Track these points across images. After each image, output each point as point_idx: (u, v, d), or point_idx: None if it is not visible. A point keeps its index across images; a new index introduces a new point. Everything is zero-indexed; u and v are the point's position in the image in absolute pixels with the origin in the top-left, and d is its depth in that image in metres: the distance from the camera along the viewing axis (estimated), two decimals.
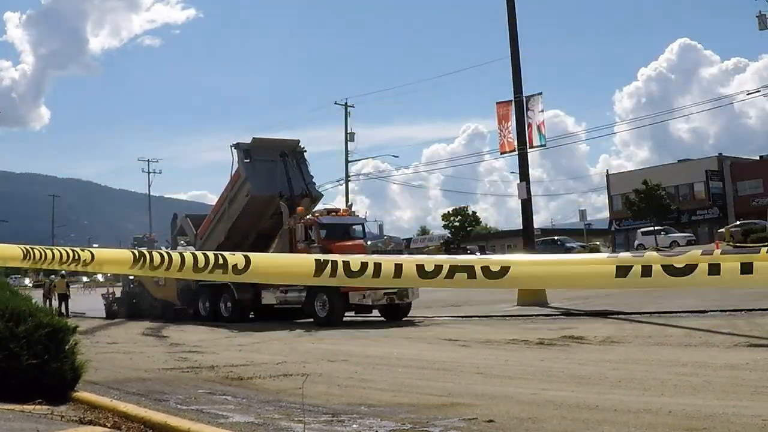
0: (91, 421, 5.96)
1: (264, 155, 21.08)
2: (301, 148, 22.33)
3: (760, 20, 33.06)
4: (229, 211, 21.23)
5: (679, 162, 70.29)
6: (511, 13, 21.15)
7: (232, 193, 21.18)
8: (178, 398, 7.57)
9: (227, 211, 21.31)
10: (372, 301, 18.03)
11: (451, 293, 27.29)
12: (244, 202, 20.73)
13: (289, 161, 21.13)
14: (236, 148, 20.89)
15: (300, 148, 22.30)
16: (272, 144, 22.04)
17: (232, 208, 21.16)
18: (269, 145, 21.82)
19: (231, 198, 21.20)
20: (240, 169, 20.84)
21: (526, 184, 21.23)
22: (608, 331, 12.76)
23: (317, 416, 6.31)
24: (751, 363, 8.24)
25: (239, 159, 20.79)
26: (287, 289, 19.74)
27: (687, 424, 5.47)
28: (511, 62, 21.16)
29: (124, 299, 26.55)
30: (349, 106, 53.38)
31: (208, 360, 11.27)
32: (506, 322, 16.47)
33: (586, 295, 21.06)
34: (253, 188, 20.39)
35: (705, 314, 14.26)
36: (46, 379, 6.59)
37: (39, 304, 7.83)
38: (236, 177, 21.06)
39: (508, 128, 21.88)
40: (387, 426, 5.89)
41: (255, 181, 20.43)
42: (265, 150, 21.35)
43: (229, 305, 21.35)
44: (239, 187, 20.89)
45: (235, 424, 6.11)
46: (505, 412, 6.17)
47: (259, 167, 20.55)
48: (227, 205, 21.31)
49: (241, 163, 20.80)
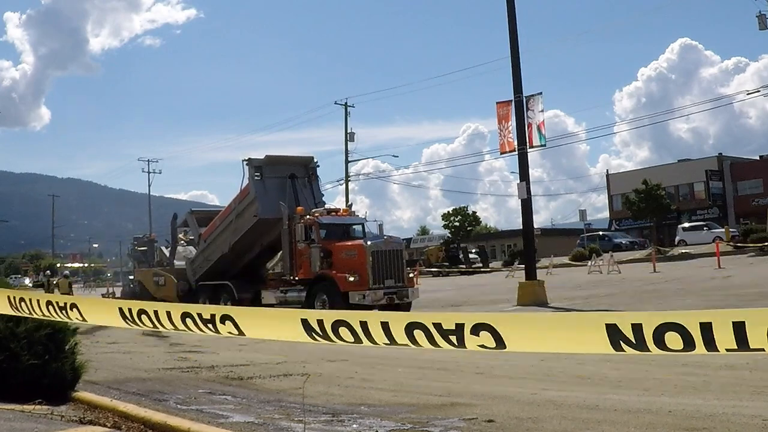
0: (91, 421, 5.96)
1: (276, 173, 20.67)
2: (314, 164, 22.10)
3: (760, 20, 33.07)
4: (235, 223, 20.87)
5: (679, 162, 70.35)
6: (511, 13, 21.16)
7: (240, 207, 20.78)
8: (178, 398, 7.57)
9: (234, 222, 20.93)
10: (372, 301, 18.03)
11: (451, 293, 27.32)
12: (252, 222, 20.38)
13: (298, 182, 20.75)
14: (248, 164, 20.41)
15: (313, 164, 22.06)
16: (285, 161, 21.67)
17: (238, 222, 20.81)
18: (282, 162, 21.43)
19: (239, 211, 20.79)
20: (250, 186, 20.37)
21: (526, 184, 21.22)
22: None
23: (317, 416, 6.31)
24: (751, 363, 8.24)
25: (250, 175, 20.32)
26: (287, 289, 19.76)
27: (687, 424, 5.47)
28: (511, 62, 21.15)
29: (124, 299, 26.57)
30: (349, 106, 53.49)
31: (208, 360, 11.27)
32: None
33: (586, 295, 21.09)
34: (261, 210, 19.96)
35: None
36: (46, 379, 6.59)
37: None
38: (245, 192, 20.63)
39: (508, 128, 21.87)
40: (387, 426, 5.89)
41: (264, 202, 19.95)
42: (277, 167, 20.94)
43: (229, 305, 21.31)
44: (248, 205, 20.47)
45: (235, 424, 6.11)
46: (505, 412, 6.17)
47: (269, 185, 20.05)
48: (234, 217, 20.91)
49: (251, 180, 20.32)
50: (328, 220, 19.63)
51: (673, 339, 2.41)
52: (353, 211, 21.42)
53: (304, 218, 19.27)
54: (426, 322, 2.92)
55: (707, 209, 62.34)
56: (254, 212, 20.12)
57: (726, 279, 21.92)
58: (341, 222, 19.98)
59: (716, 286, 20.01)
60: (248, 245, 21.28)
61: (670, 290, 20.10)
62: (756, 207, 55.68)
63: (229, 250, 21.17)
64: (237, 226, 20.89)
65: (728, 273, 24.13)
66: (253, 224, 20.29)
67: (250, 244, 21.27)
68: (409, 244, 61.13)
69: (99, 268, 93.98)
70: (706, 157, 68.17)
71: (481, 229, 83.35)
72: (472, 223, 77.52)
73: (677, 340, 2.40)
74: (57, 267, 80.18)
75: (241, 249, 21.27)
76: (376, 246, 18.47)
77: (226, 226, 21.40)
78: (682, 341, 2.39)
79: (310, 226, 19.11)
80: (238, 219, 20.80)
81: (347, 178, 52.12)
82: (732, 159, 66.31)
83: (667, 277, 24.96)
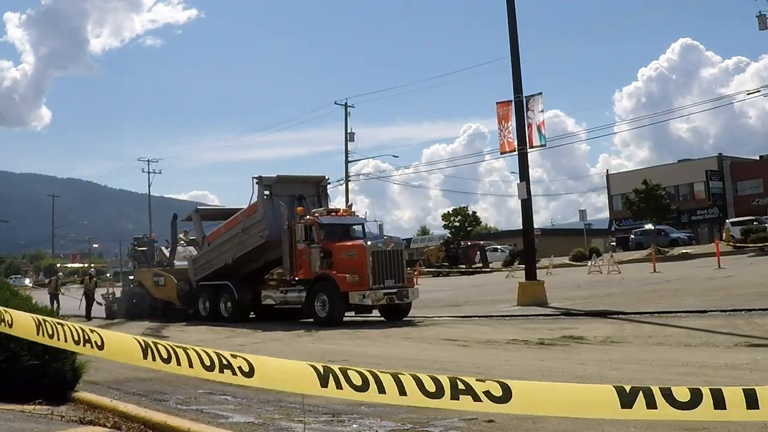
0: (91, 421, 5.97)
1: (286, 191, 20.52)
2: (326, 182, 22.07)
3: (760, 20, 33.02)
4: (241, 237, 20.72)
5: (679, 162, 70.38)
6: (511, 13, 21.14)
7: (248, 222, 20.60)
8: (178, 398, 7.58)
9: (240, 236, 20.77)
10: (372, 302, 18.01)
11: (451, 293, 27.32)
12: (259, 242, 20.25)
13: (307, 201, 20.57)
14: (258, 183, 20.24)
15: (325, 182, 22.02)
16: (296, 180, 21.57)
17: (244, 237, 20.67)
18: (293, 181, 21.32)
19: (246, 226, 20.61)
20: (259, 205, 20.18)
21: (526, 184, 21.21)
22: (608, 331, 12.76)
23: (317, 416, 6.31)
24: (751, 363, 8.24)
25: (259, 193, 20.16)
26: (287, 289, 19.74)
27: (687, 424, 5.47)
28: (511, 62, 21.13)
29: (124, 299, 26.51)
30: (349, 106, 53.47)
31: None
32: (506, 322, 16.45)
33: (586, 295, 21.08)
34: (269, 232, 19.79)
35: (705, 314, 14.24)
36: (46, 380, 6.60)
37: (39, 305, 7.83)
38: (253, 209, 20.43)
39: (508, 128, 21.85)
40: (387, 426, 5.90)
41: (272, 225, 19.78)
42: (287, 186, 20.81)
43: (229, 305, 21.33)
44: (255, 223, 20.29)
45: (235, 424, 6.11)
46: (505, 412, 6.16)
47: (278, 206, 19.67)
48: (240, 230, 20.76)
49: (260, 199, 20.14)
50: (328, 220, 19.61)
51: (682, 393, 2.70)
52: (353, 212, 21.37)
53: (304, 218, 19.26)
54: (425, 380, 2.97)
55: (707, 209, 62.35)
56: (261, 233, 19.99)
57: (726, 279, 21.92)
58: (341, 222, 19.95)
59: (716, 286, 20.01)
60: (252, 259, 21.25)
61: (671, 290, 20.09)
62: (756, 207, 55.70)
63: (233, 263, 21.15)
64: (242, 240, 20.76)
65: (728, 273, 24.13)
66: (260, 244, 20.27)
67: (253, 258, 21.23)
68: (409, 244, 61.11)
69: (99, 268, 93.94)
70: (706, 157, 68.19)
71: (481, 229, 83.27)
72: (472, 223, 77.42)
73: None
74: (57, 267, 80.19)
75: (245, 262, 21.27)
76: (376, 246, 18.45)
77: (231, 236, 21.23)
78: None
79: (310, 227, 19.10)
80: (244, 233, 20.68)
81: (347, 178, 52.13)
82: (732, 159, 66.32)
83: (667, 277, 24.96)
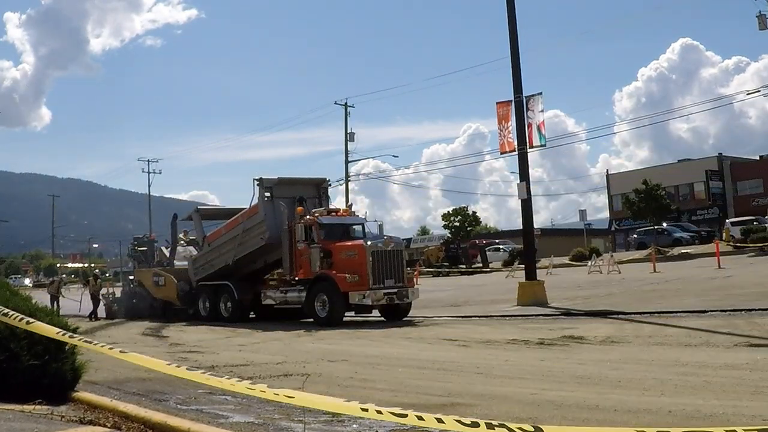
0: (92, 421, 5.97)
1: (286, 193, 20.52)
2: (327, 184, 22.09)
3: (760, 20, 33.01)
4: (242, 238, 20.75)
5: (679, 162, 70.36)
6: (511, 13, 21.14)
7: (248, 223, 20.61)
8: (178, 398, 7.58)
9: (240, 237, 20.80)
10: (372, 301, 18.01)
11: (451, 293, 27.32)
12: (259, 244, 20.28)
13: (308, 203, 20.52)
14: (259, 184, 20.26)
15: (326, 184, 22.04)
16: (298, 182, 21.57)
17: (245, 238, 20.69)
18: (294, 183, 21.32)
19: (247, 227, 20.64)
20: (260, 207, 20.20)
21: (526, 184, 21.20)
22: (608, 331, 12.76)
23: (317, 416, 6.30)
24: (751, 363, 8.24)
25: (260, 195, 20.18)
26: (287, 289, 19.74)
27: (687, 424, 5.47)
28: (511, 62, 21.13)
29: (125, 299, 26.53)
30: (349, 106, 53.48)
31: (208, 360, 11.27)
32: (506, 322, 16.45)
33: (586, 295, 21.08)
34: (269, 234, 19.82)
35: (705, 314, 14.24)
36: (46, 380, 6.59)
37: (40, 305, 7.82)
38: (254, 210, 20.47)
39: (508, 128, 21.85)
40: (387, 426, 5.89)
41: (272, 227, 19.81)
42: (288, 188, 20.79)
43: (229, 305, 21.33)
44: (256, 225, 20.32)
45: (235, 424, 6.11)
46: (505, 412, 6.16)
47: (279, 207, 19.75)
48: (241, 231, 20.78)
49: (261, 201, 20.16)
50: (328, 220, 19.61)
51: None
52: (353, 212, 21.37)
53: (304, 218, 19.26)
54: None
55: (707, 209, 62.33)
56: (261, 234, 20.02)
57: (726, 279, 21.91)
58: (341, 222, 19.94)
59: (717, 286, 20.01)
60: (252, 260, 21.27)
61: (671, 290, 20.09)
62: (756, 207, 55.68)
63: (233, 264, 21.16)
64: (243, 241, 20.78)
65: (728, 273, 24.13)
66: (260, 246, 20.27)
67: (254, 260, 21.26)
68: (409, 244, 61.09)
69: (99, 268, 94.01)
70: (706, 157, 68.17)
71: (481, 229, 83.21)
72: (472, 223, 77.34)
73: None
74: (57, 267, 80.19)
75: (245, 263, 21.29)
76: (376, 246, 18.45)
77: (232, 237, 21.26)
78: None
79: (310, 226, 19.09)
80: (244, 235, 20.71)
81: (347, 178, 52.12)
82: (732, 159, 66.32)
83: (667, 277, 24.95)
